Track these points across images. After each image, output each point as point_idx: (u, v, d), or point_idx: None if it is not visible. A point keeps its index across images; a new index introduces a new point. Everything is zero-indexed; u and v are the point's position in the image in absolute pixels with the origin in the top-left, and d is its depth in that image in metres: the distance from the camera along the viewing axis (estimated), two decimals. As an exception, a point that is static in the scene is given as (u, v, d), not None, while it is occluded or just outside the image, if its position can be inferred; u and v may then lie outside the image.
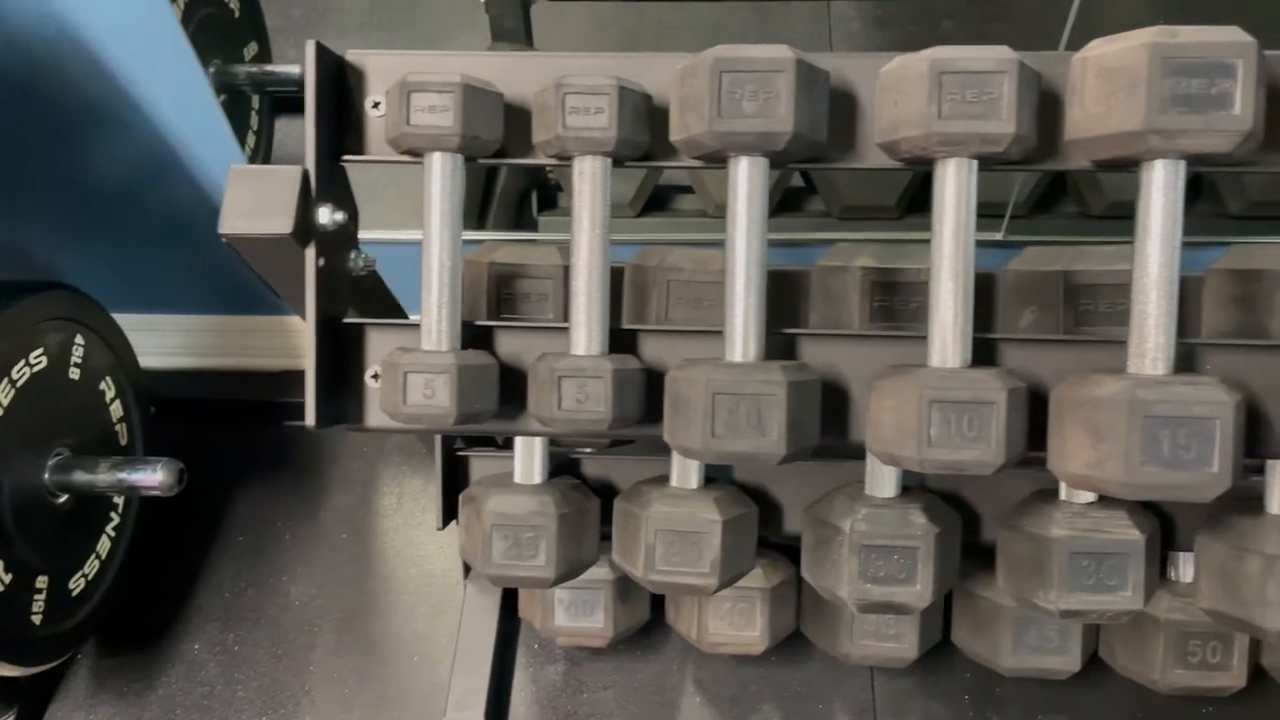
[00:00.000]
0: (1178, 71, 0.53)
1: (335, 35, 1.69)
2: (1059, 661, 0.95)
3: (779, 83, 0.55)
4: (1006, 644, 0.95)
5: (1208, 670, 0.95)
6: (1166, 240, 0.57)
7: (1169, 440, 0.54)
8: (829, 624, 0.99)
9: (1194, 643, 0.94)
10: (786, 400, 0.57)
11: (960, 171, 0.58)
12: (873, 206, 1.16)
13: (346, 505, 1.24)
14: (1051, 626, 0.95)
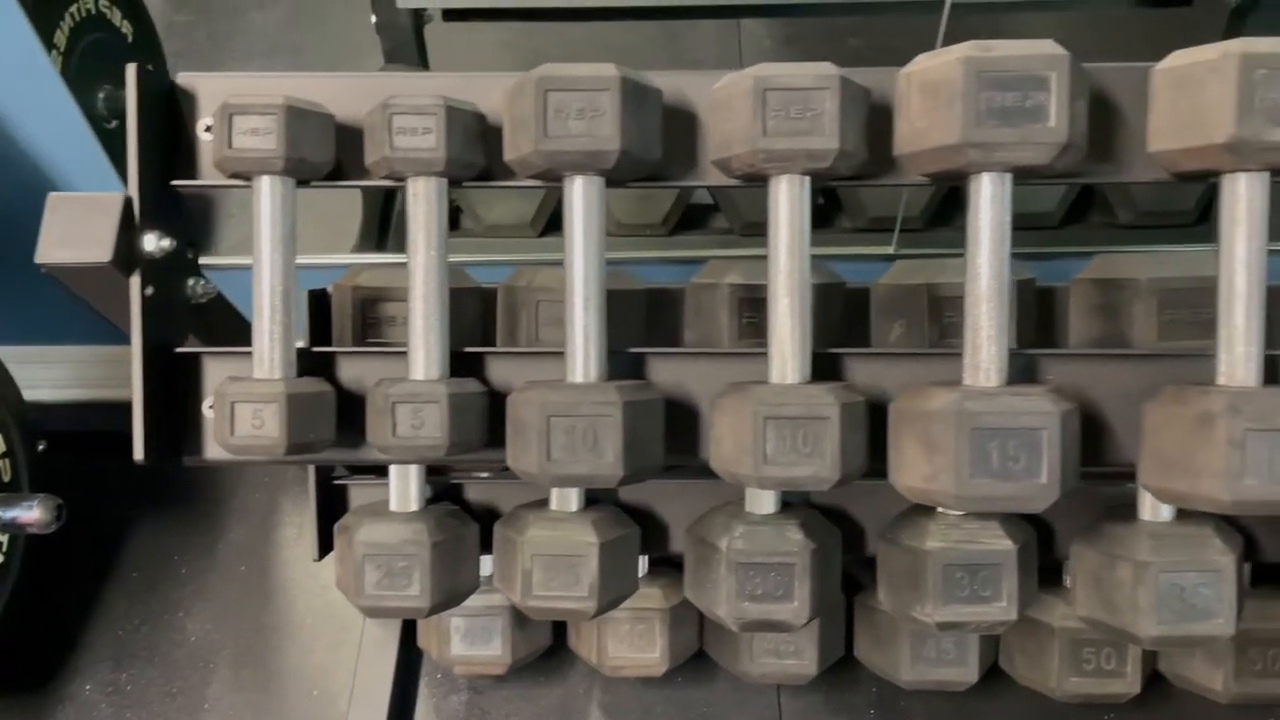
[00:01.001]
0: (993, 85, 0.54)
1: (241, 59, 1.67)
2: (957, 673, 0.95)
3: (604, 101, 0.55)
4: (905, 657, 0.94)
5: (1102, 677, 0.95)
6: (995, 252, 0.57)
7: (998, 452, 0.54)
8: (729, 643, 0.98)
9: (1087, 650, 0.95)
10: (623, 421, 0.56)
11: (793, 188, 0.58)
12: (769, 223, 1.16)
13: (245, 537, 1.21)
14: (948, 639, 0.95)
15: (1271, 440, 0.54)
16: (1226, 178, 0.57)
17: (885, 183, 0.60)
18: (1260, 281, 0.57)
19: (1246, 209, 0.57)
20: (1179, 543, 0.75)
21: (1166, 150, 0.57)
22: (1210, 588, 0.74)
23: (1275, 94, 0.53)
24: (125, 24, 1.21)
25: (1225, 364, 0.58)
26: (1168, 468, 0.57)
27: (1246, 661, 0.91)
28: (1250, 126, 0.53)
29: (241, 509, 1.23)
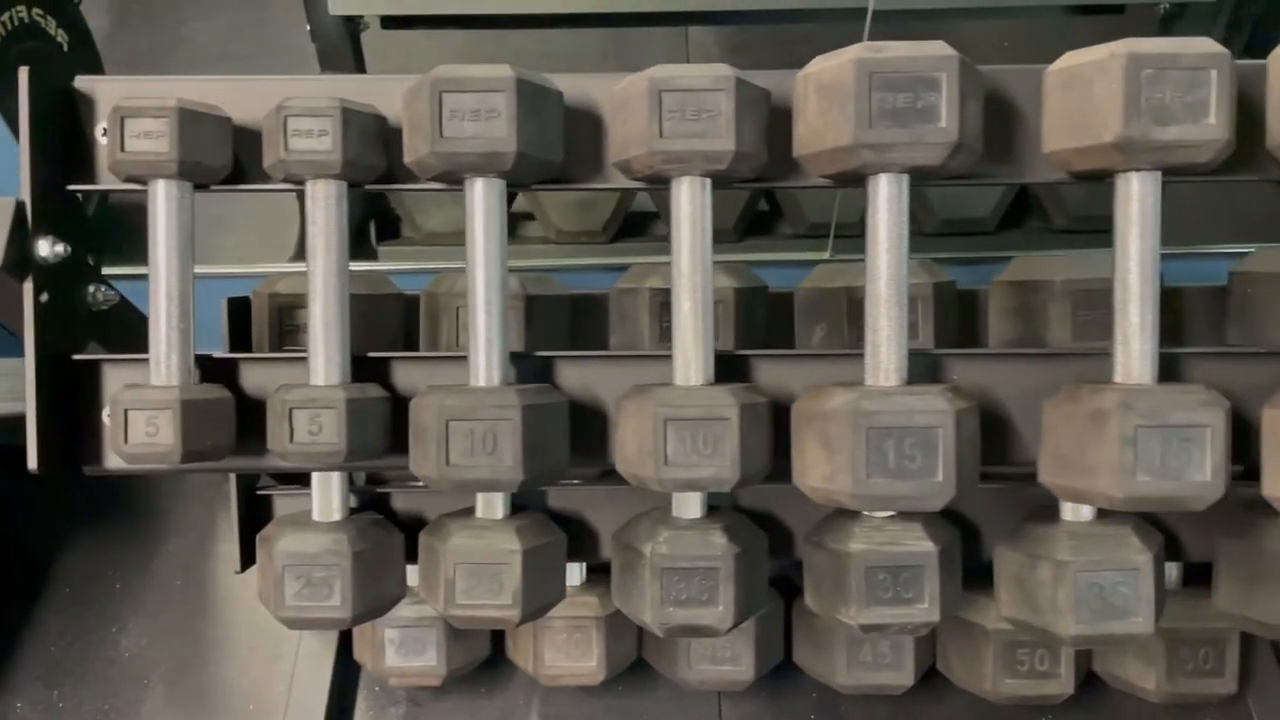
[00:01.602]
0: (884, 86, 0.54)
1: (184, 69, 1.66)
2: (893, 677, 0.95)
3: (499, 102, 0.55)
4: (841, 661, 0.94)
5: (1037, 679, 0.95)
6: (893, 253, 0.58)
7: (894, 451, 0.55)
8: (667, 650, 0.97)
9: (1021, 652, 0.95)
10: (523, 424, 0.56)
11: (694, 190, 0.58)
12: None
13: (182, 551, 1.19)
14: (884, 642, 0.95)
15: (1163, 436, 0.55)
16: (1119, 177, 0.58)
17: (787, 184, 0.60)
18: (1154, 279, 0.58)
19: (1139, 208, 0.57)
20: (1097, 542, 0.75)
21: (1060, 150, 0.57)
22: (1128, 586, 0.74)
23: (1161, 93, 0.54)
24: (60, 33, 1.20)
25: (1121, 362, 0.58)
26: (1064, 465, 0.58)
27: (1178, 661, 0.92)
28: (1137, 126, 0.54)
29: (179, 522, 1.21)
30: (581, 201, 1.13)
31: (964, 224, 1.16)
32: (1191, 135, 0.54)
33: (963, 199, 1.15)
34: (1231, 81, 0.54)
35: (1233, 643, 0.93)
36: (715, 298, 0.79)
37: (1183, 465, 0.55)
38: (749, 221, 1.17)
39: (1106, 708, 1.02)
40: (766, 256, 1.19)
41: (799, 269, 0.91)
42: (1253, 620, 0.78)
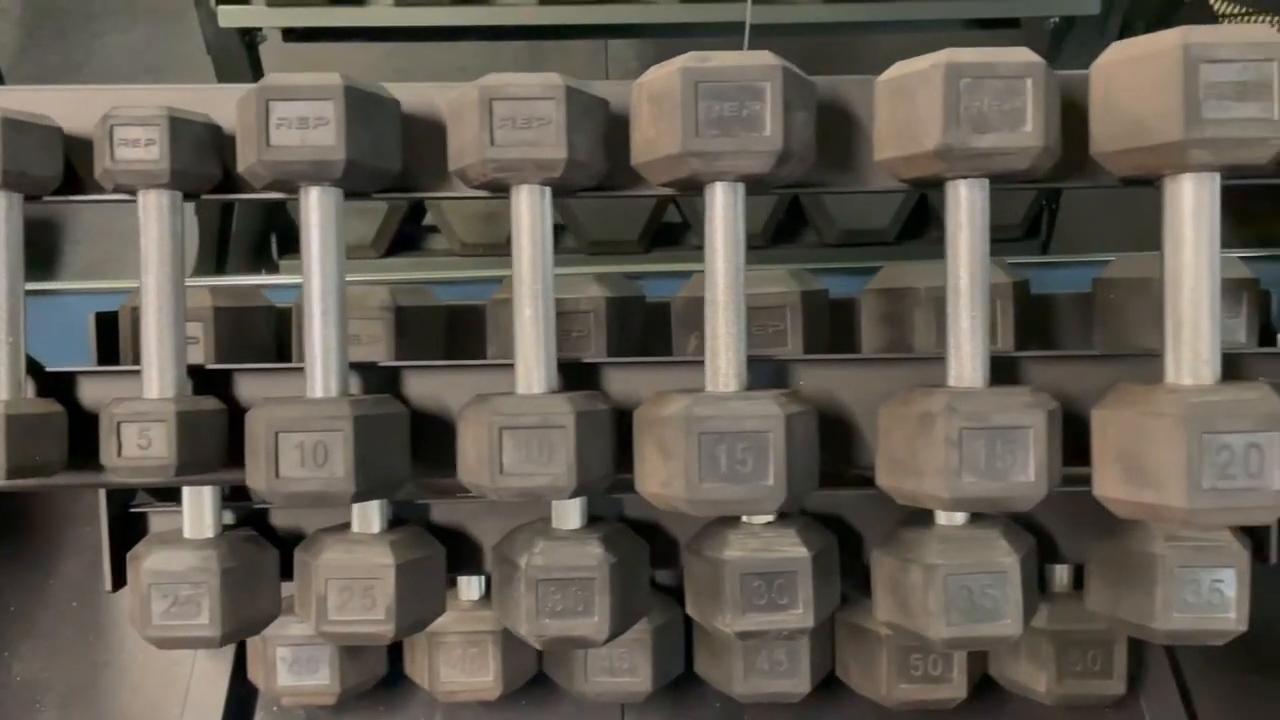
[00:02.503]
0: (711, 95, 0.55)
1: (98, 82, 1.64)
2: (790, 684, 0.95)
3: (327, 110, 0.54)
4: (738, 670, 0.94)
5: (930, 683, 0.96)
6: (730, 260, 0.58)
7: (725, 455, 0.55)
8: (565, 663, 0.97)
9: (915, 656, 0.96)
10: (355, 436, 0.55)
11: (531, 198, 0.58)
12: (616, 240, 1.17)
13: (78, 572, 1.16)
14: (780, 650, 0.95)
15: (988, 438, 0.55)
16: (948, 185, 0.59)
17: (630, 194, 0.61)
18: (983, 284, 0.59)
19: (967, 214, 0.59)
20: (966, 545, 0.76)
21: (890, 158, 0.58)
22: (997, 589, 0.75)
23: (979, 102, 0.55)
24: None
25: (954, 365, 0.59)
26: (897, 468, 0.58)
27: (1067, 663, 0.93)
28: (956, 134, 0.55)
29: (74, 543, 1.18)
30: (485, 214, 1.13)
31: (864, 234, 1.17)
32: (1009, 142, 0.55)
33: (862, 210, 1.16)
34: (1048, 90, 0.56)
35: (1121, 644, 0.95)
36: (587, 307, 0.80)
37: (1007, 466, 0.56)
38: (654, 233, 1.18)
39: (1004, 711, 1.03)
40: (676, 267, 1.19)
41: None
42: (1122, 620, 0.79)
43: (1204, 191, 0.57)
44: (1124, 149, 0.57)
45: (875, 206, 1.15)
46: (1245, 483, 0.55)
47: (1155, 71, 0.55)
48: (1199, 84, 0.54)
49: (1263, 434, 0.54)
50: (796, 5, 0.94)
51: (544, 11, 1.03)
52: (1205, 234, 0.58)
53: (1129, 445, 0.57)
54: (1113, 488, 0.58)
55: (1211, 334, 0.58)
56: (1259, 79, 0.54)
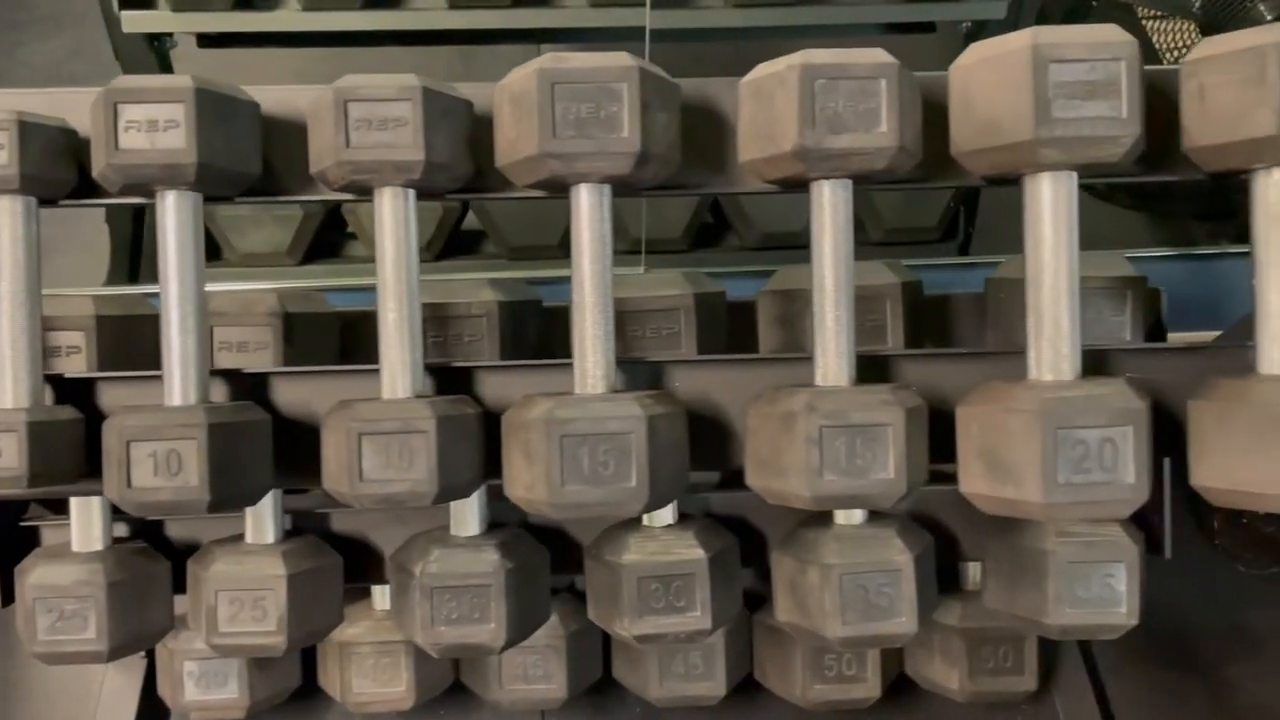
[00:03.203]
0: (568, 97, 0.54)
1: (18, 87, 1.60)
2: (706, 687, 0.95)
3: (178, 113, 0.54)
4: (653, 674, 0.94)
5: (845, 683, 0.96)
6: (596, 261, 0.58)
7: (588, 458, 0.55)
8: (480, 671, 0.96)
9: (829, 657, 0.96)
10: (209, 444, 0.54)
11: (394, 201, 0.57)
12: (536, 245, 1.17)
13: (-18, 589, 1.14)
14: (696, 652, 0.95)
15: (848, 436, 0.56)
16: (813, 185, 0.59)
17: (499, 196, 0.60)
18: (848, 284, 0.59)
19: (830, 215, 0.59)
20: (862, 544, 0.76)
21: (753, 160, 0.59)
22: (892, 587, 0.75)
23: (834, 103, 0.55)
24: None
25: (820, 365, 0.59)
26: (763, 467, 0.58)
27: (979, 660, 0.94)
28: (812, 135, 0.55)
29: (-19, 559, 1.15)
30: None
31: (784, 237, 1.18)
32: (864, 143, 0.55)
33: (781, 214, 1.17)
34: (903, 91, 0.56)
35: (1032, 641, 0.95)
36: (480, 311, 0.79)
37: (867, 464, 0.56)
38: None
39: (920, 709, 1.03)
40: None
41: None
42: (1017, 616, 0.80)
43: (1061, 190, 0.58)
44: (981, 148, 0.57)
45: (794, 210, 1.16)
46: (1100, 477, 0.55)
47: (1007, 72, 0.55)
48: (1048, 83, 0.54)
49: (1117, 429, 0.55)
50: (700, 10, 0.95)
51: (453, 16, 1.03)
52: (1064, 232, 0.58)
53: (990, 441, 0.57)
54: (977, 484, 0.59)
55: (1071, 331, 0.59)
56: (1107, 78, 0.55)
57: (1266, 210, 0.59)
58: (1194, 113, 0.58)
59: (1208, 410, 0.59)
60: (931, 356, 0.65)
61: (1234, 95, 0.56)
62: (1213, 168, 0.59)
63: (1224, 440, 0.57)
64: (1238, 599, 1.13)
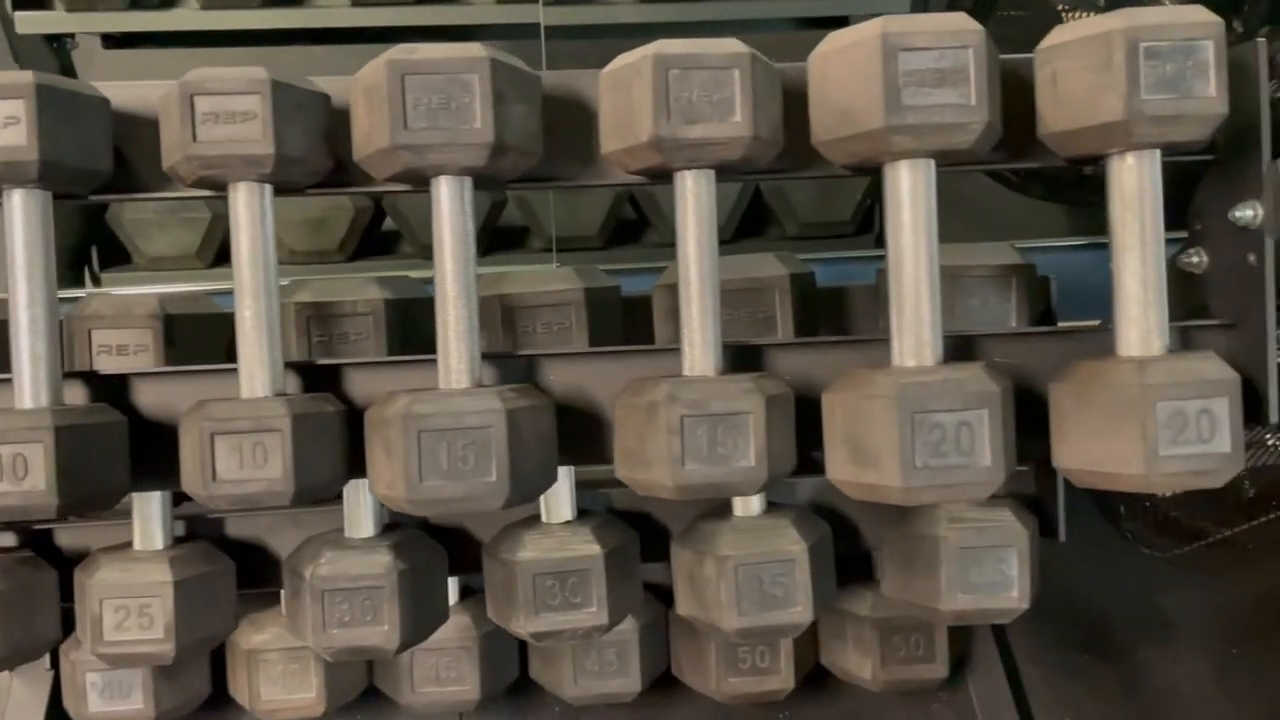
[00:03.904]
0: (419, 88, 0.54)
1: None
2: (621, 684, 0.95)
3: (19, 109, 0.52)
4: (568, 672, 0.93)
5: (759, 675, 0.96)
6: (458, 255, 0.58)
7: (446, 453, 0.54)
8: (393, 675, 0.95)
9: (743, 650, 0.96)
10: (56, 447, 0.53)
11: (250, 197, 0.57)
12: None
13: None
14: (610, 649, 0.95)
15: (709, 425, 0.56)
16: (676, 177, 0.59)
17: (362, 190, 0.60)
18: (713, 276, 0.59)
19: (693, 206, 0.59)
20: (757, 535, 0.76)
21: (614, 151, 0.58)
22: (787, 577, 0.76)
23: (688, 92, 0.55)
24: None
25: (687, 355, 0.59)
26: (630, 458, 0.58)
27: (891, 649, 0.94)
28: (667, 125, 0.55)
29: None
30: (312, 220, 1.11)
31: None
32: (719, 133, 0.55)
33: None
34: (758, 80, 0.56)
35: (942, 628, 0.96)
36: (366, 310, 0.79)
37: (729, 453, 0.56)
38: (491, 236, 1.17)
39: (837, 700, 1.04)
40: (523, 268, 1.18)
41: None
42: (914, 603, 0.80)
43: (918, 178, 0.58)
44: (838, 138, 0.58)
45: (711, 205, 1.16)
46: (957, 460, 0.56)
47: (859, 61, 0.56)
48: (898, 72, 0.55)
49: (972, 412, 0.56)
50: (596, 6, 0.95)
51: (356, 14, 1.02)
52: (922, 219, 0.59)
53: (853, 428, 0.58)
54: (842, 470, 0.59)
55: (931, 317, 0.59)
56: (956, 66, 0.55)
57: (1121, 195, 0.60)
58: (1048, 99, 0.59)
59: (1066, 392, 0.60)
60: (806, 345, 0.65)
61: (1084, 81, 0.57)
62: (1069, 153, 0.60)
63: (1081, 422, 0.58)
64: (1146, 582, 1.15)
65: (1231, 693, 1.10)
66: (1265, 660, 1.11)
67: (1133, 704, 1.09)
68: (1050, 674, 1.10)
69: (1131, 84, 0.55)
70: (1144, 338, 0.59)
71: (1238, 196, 0.63)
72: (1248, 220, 0.62)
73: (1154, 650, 1.11)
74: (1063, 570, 1.19)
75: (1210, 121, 0.56)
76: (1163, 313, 0.59)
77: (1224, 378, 0.57)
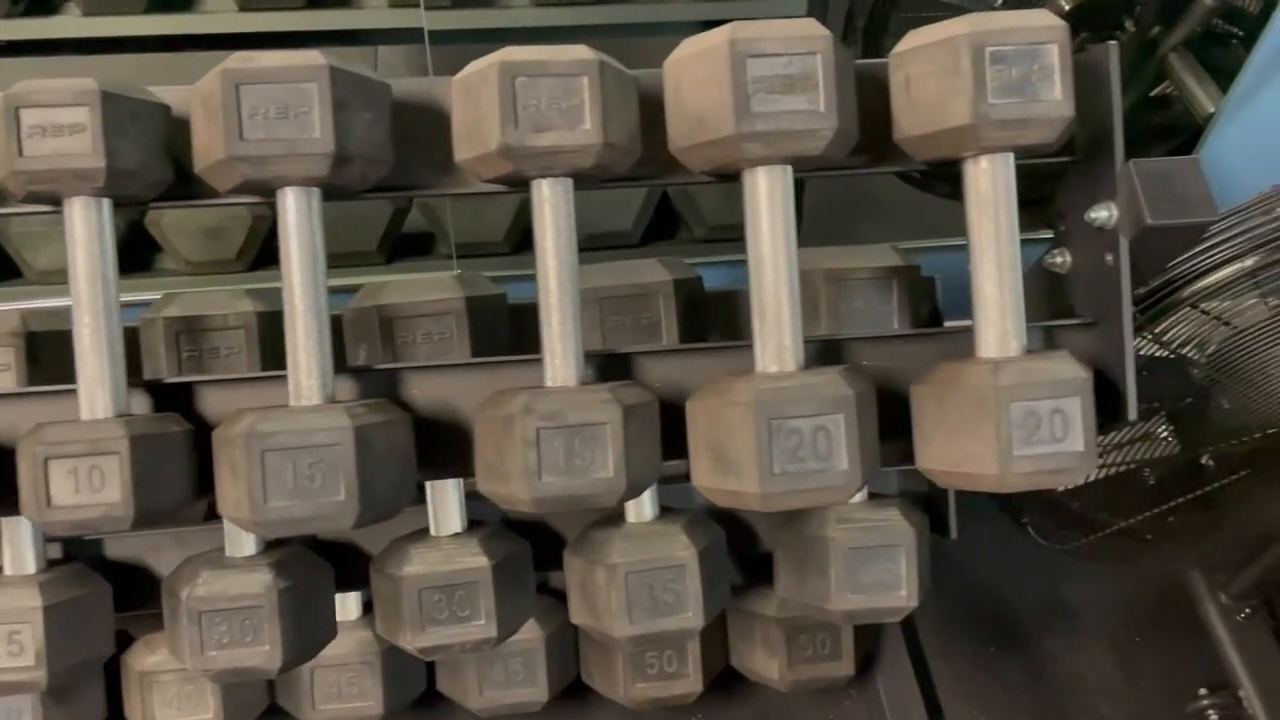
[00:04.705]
0: (256, 98, 0.52)
1: None
2: (528, 694, 0.94)
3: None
4: (473, 683, 0.92)
5: (666, 680, 0.96)
6: (305, 269, 0.56)
7: (293, 472, 0.53)
8: (294, 691, 0.93)
9: (650, 654, 0.95)
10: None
11: (87, 212, 0.55)
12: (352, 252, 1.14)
13: None
14: (517, 659, 0.94)
15: (566, 436, 0.55)
16: (533, 185, 0.58)
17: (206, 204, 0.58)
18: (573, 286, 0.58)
19: (550, 216, 0.58)
20: (647, 542, 0.76)
21: (466, 159, 0.57)
22: (677, 583, 0.75)
23: (536, 100, 0.54)
24: None
25: (549, 366, 0.59)
26: (490, 472, 0.57)
27: (797, 648, 0.95)
28: (515, 134, 0.54)
29: None
30: (209, 230, 1.08)
31: (609, 237, 1.17)
32: (569, 140, 0.55)
33: (602, 214, 1.17)
34: (608, 87, 0.56)
35: (848, 628, 0.97)
36: (237, 323, 0.77)
37: (587, 464, 0.55)
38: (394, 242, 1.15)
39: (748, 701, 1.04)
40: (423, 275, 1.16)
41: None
42: (806, 604, 0.80)
43: (775, 184, 0.58)
44: (694, 144, 0.57)
45: (616, 209, 1.16)
46: (815, 465, 0.56)
47: (710, 67, 0.56)
48: (747, 78, 0.55)
49: (829, 417, 0.56)
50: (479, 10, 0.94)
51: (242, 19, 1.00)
52: (781, 225, 0.59)
53: (714, 434, 0.57)
54: (706, 477, 0.59)
55: (792, 322, 0.59)
56: (804, 72, 0.55)
57: (977, 198, 0.60)
58: (902, 104, 0.59)
59: (927, 394, 0.60)
60: (675, 353, 0.65)
61: (934, 86, 0.57)
62: (924, 157, 0.61)
63: (941, 423, 0.59)
64: (1051, 574, 1.17)
65: (1135, 680, 1.12)
66: (1167, 647, 1.14)
67: (1039, 694, 1.11)
68: (959, 668, 1.11)
69: (978, 88, 0.55)
70: (1001, 339, 0.60)
71: (1094, 198, 0.64)
72: (1103, 221, 0.63)
73: (1059, 641, 1.14)
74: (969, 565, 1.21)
75: (1057, 124, 0.57)
76: (1019, 314, 0.60)
77: (1076, 377, 0.57)
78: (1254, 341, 0.88)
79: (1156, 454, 1.00)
